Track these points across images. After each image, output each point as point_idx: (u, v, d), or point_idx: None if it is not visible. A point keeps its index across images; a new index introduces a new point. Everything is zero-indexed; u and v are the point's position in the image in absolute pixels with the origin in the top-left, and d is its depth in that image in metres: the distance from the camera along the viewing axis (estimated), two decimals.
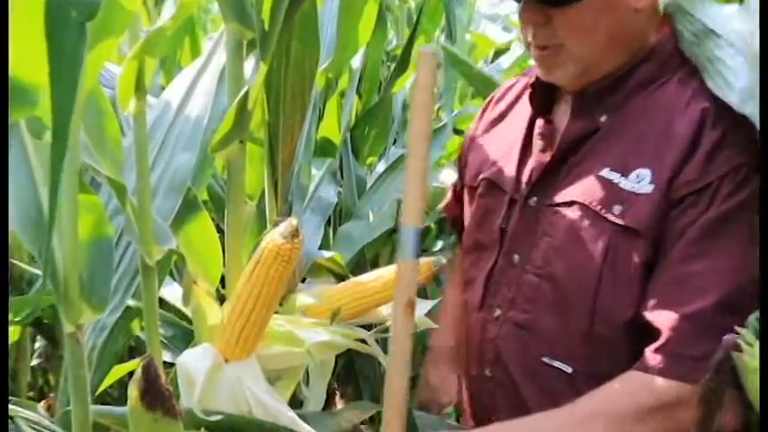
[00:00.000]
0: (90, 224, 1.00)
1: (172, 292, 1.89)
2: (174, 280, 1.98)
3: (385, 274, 1.74)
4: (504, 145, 1.55)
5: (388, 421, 1.20)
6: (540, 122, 1.50)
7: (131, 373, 1.75)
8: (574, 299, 1.33)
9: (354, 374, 2.31)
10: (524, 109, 1.54)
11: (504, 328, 1.44)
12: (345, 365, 2.34)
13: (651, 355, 1.23)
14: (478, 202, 1.57)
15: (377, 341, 1.66)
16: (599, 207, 1.31)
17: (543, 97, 1.49)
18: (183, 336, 1.99)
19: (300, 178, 1.85)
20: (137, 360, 1.93)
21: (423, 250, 3.10)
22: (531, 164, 1.47)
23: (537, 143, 1.48)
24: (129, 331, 1.70)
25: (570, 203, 1.36)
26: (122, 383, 2.65)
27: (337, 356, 1.68)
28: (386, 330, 1.63)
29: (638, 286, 1.28)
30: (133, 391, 1.00)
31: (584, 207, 1.33)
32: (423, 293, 2.16)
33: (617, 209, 1.29)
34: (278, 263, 1.31)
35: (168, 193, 1.41)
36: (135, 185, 1.24)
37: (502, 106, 1.64)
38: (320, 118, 2.29)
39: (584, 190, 1.34)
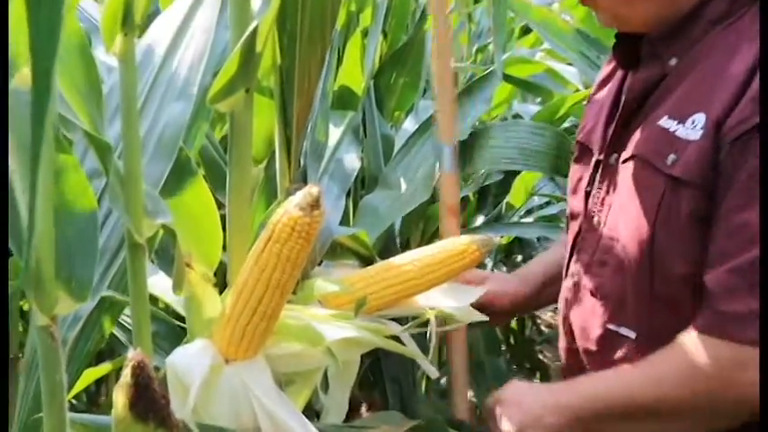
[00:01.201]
0: (68, 189, 0.99)
1: (156, 280, 1.90)
2: (156, 264, 1.99)
3: (422, 256, 1.75)
4: (599, 105, 1.72)
5: None
6: (630, 77, 1.64)
7: (99, 381, 1.76)
8: (634, 258, 1.49)
9: (381, 378, 2.32)
10: None
11: (578, 296, 1.62)
12: (371, 367, 2.35)
13: (699, 314, 1.40)
14: (573, 168, 1.76)
15: (412, 337, 1.68)
16: (653, 158, 1.47)
17: (627, 48, 1.63)
18: (169, 333, 2.00)
19: (316, 136, 1.86)
20: (108, 363, 1.96)
21: (461, 226, 3.11)
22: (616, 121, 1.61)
23: (624, 99, 1.61)
24: (107, 326, 1.71)
25: (632, 157, 1.53)
26: (88, 390, 2.68)
27: (362, 357, 1.69)
28: (422, 324, 1.65)
29: (690, 239, 1.41)
30: (120, 397, 1.00)
31: (642, 160, 1.50)
32: None
33: (670, 158, 1.43)
34: (293, 240, 1.31)
35: (156, 155, 1.40)
36: (118, 144, 1.24)
37: (612, 65, 1.78)
38: (338, 63, 2.29)
39: (644, 141, 1.51)
